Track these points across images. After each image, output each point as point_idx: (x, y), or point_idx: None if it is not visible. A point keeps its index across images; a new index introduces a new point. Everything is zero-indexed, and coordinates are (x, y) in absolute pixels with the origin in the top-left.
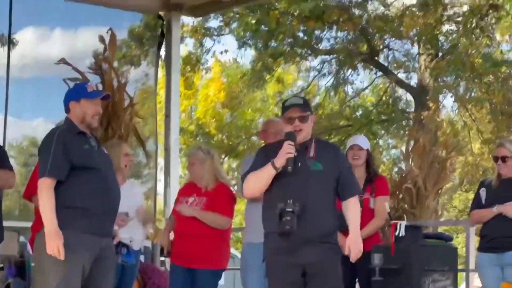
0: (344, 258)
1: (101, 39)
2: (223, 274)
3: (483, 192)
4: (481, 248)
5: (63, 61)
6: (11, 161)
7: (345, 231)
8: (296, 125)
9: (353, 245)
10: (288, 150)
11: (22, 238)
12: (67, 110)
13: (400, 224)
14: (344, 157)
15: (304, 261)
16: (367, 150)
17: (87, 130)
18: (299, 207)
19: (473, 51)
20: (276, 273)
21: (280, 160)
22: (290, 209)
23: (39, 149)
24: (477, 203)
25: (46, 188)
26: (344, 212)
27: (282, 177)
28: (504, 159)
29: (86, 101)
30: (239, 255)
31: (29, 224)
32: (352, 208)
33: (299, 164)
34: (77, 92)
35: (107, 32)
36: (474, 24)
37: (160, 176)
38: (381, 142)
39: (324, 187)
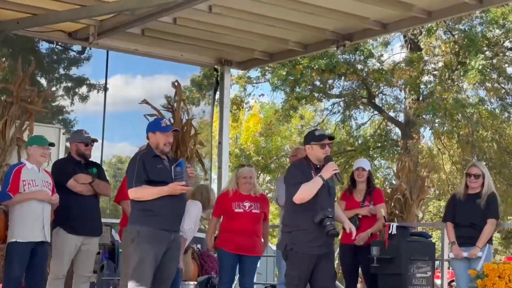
0: (351, 249)
1: (174, 85)
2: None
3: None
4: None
5: (145, 101)
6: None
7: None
8: (327, 150)
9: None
10: (335, 167)
11: (113, 231)
12: (147, 138)
13: (393, 225)
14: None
15: (321, 252)
16: (369, 170)
17: (161, 154)
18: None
19: (446, 96)
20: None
21: (327, 174)
22: (331, 215)
23: (127, 167)
24: (450, 214)
25: (135, 191)
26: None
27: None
28: (476, 176)
29: (160, 133)
30: (272, 247)
31: (118, 220)
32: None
33: None
34: (154, 126)
35: (175, 83)
36: (447, 76)
37: (213, 186)
38: (376, 163)
39: (334, 200)
